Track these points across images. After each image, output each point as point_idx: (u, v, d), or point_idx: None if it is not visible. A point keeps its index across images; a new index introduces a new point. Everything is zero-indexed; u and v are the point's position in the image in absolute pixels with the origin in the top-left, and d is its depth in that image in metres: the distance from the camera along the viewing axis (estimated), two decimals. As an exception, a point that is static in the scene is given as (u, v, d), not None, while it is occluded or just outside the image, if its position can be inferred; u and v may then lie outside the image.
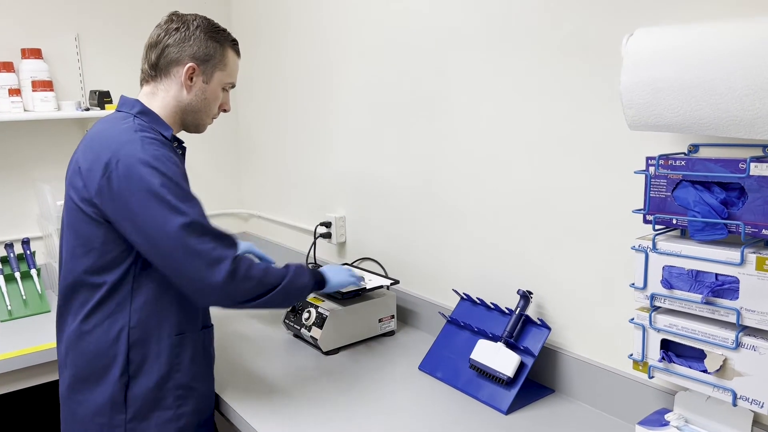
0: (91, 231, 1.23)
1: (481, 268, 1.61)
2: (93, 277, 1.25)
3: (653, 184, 1.10)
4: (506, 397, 1.35)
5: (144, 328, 1.26)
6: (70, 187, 1.27)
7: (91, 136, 1.29)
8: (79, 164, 1.24)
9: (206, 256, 1.18)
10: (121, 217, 1.19)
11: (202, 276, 1.18)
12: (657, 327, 1.10)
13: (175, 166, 1.22)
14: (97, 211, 1.22)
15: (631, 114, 1.06)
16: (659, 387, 1.23)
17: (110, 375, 1.25)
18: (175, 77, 1.32)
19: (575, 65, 1.30)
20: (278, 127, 2.41)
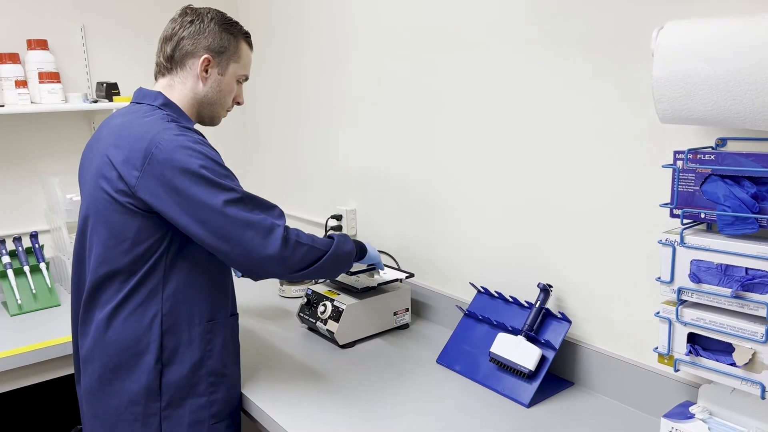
0: (125, 222, 1.23)
1: (497, 261, 1.61)
2: (126, 268, 1.25)
3: (681, 178, 1.10)
4: (528, 390, 1.36)
5: (176, 315, 1.27)
6: (102, 180, 1.25)
7: (118, 129, 1.27)
8: (111, 157, 1.24)
9: (259, 226, 1.22)
10: (166, 203, 1.19)
11: (258, 246, 1.21)
12: (684, 321, 1.10)
13: (212, 149, 1.26)
14: (134, 201, 1.21)
15: (662, 108, 1.06)
16: (681, 380, 1.24)
17: (144, 363, 1.26)
18: (191, 69, 1.34)
19: (597, 58, 1.30)
20: (287, 120, 2.40)
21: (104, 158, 1.25)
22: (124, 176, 1.21)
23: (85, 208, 1.31)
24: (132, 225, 1.23)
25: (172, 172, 1.18)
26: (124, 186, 1.21)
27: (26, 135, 2.18)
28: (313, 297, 1.75)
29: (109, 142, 1.26)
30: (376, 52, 1.89)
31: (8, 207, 2.17)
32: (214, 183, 1.20)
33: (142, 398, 1.26)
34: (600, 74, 1.30)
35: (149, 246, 1.24)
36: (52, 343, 1.71)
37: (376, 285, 1.69)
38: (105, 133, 1.30)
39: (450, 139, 1.69)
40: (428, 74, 1.72)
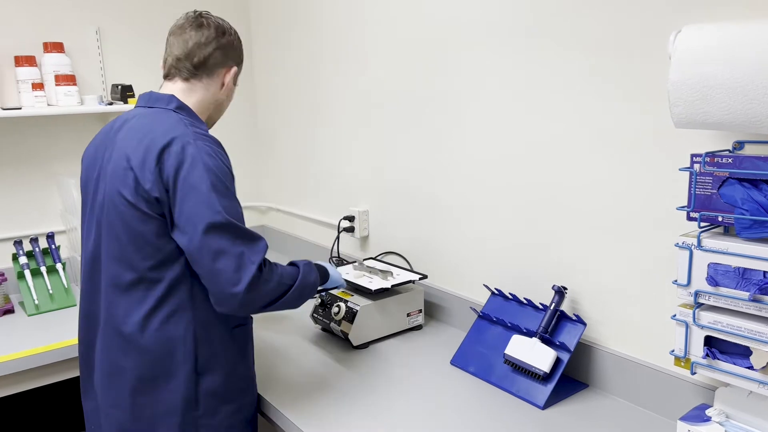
0: (145, 227, 1.20)
1: (511, 263, 1.61)
2: (151, 274, 1.22)
3: (698, 182, 1.10)
4: (542, 392, 1.36)
5: (208, 322, 1.26)
6: (119, 184, 1.21)
7: (134, 131, 1.24)
8: (130, 162, 1.20)
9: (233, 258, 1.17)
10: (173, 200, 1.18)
11: (226, 281, 1.17)
12: (701, 324, 1.11)
13: (227, 161, 1.26)
14: (152, 204, 1.19)
15: (678, 111, 1.06)
16: (697, 382, 1.24)
17: (181, 372, 1.24)
18: (217, 77, 1.37)
19: (611, 60, 1.30)
20: (300, 123, 2.41)
21: (123, 162, 1.22)
22: (141, 179, 1.19)
23: (98, 213, 1.27)
24: (151, 229, 1.20)
25: (183, 175, 1.17)
26: (143, 190, 1.19)
27: (43, 137, 2.20)
28: (327, 298, 1.76)
29: (126, 146, 1.23)
30: (386, 56, 1.90)
31: (25, 208, 2.19)
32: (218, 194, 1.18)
33: (179, 408, 1.24)
34: (619, 76, 1.30)
35: (171, 251, 1.22)
36: (69, 343, 1.73)
37: (390, 286, 1.70)
38: (119, 136, 1.26)
39: (464, 140, 1.69)
40: (439, 76, 1.73)
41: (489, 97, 1.60)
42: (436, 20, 1.71)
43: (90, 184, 1.32)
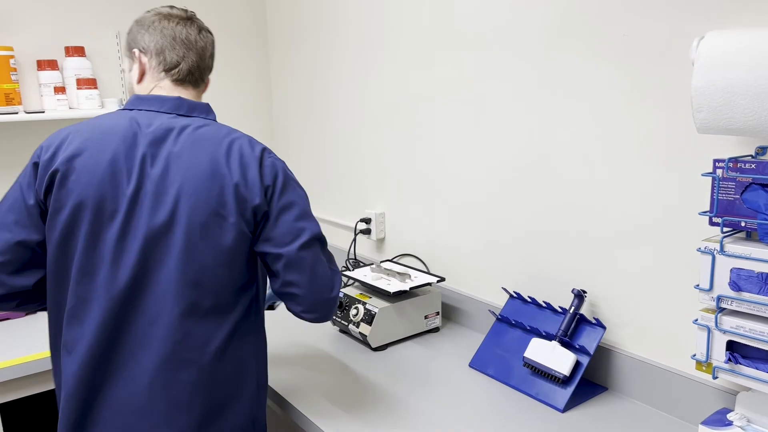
0: (240, 247, 1.14)
1: (529, 266, 1.62)
2: (231, 297, 1.15)
3: (721, 187, 1.11)
4: (562, 395, 1.37)
5: (262, 338, 1.26)
6: (215, 203, 1.12)
7: (205, 143, 1.15)
8: (231, 178, 1.13)
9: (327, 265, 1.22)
10: (274, 214, 1.17)
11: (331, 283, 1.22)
12: (723, 329, 1.11)
13: None
14: (250, 223, 1.15)
15: (701, 117, 1.06)
16: (717, 386, 1.25)
17: (247, 392, 1.20)
18: (203, 84, 1.29)
19: (634, 66, 1.31)
20: (316, 124, 2.42)
21: (217, 180, 1.12)
22: (250, 197, 1.14)
23: (144, 236, 1.10)
24: (245, 250, 1.16)
25: (279, 188, 1.17)
26: (252, 207, 1.14)
27: (64, 140, 2.24)
28: (345, 300, 1.78)
29: (205, 160, 1.13)
30: (404, 57, 1.91)
31: (46, 210, 2.23)
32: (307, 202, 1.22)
33: (249, 428, 1.21)
34: (639, 82, 1.31)
35: (254, 272, 1.20)
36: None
37: (408, 289, 1.71)
38: (179, 150, 1.13)
39: (482, 143, 1.70)
40: (458, 79, 1.73)
41: (509, 100, 1.60)
42: (459, 22, 1.72)
43: (116, 204, 1.10)
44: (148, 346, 1.10)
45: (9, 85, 1.99)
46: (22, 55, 2.10)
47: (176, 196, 1.11)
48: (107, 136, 1.13)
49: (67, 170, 1.11)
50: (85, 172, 1.10)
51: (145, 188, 1.11)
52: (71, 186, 1.11)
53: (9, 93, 1.99)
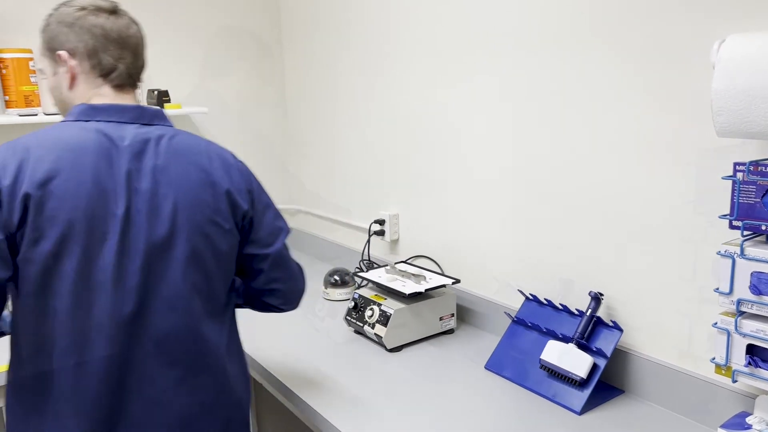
0: (233, 252, 1.19)
1: (546, 268, 1.62)
2: (225, 298, 1.20)
3: (741, 190, 1.10)
4: (579, 398, 1.37)
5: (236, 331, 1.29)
6: (210, 212, 1.13)
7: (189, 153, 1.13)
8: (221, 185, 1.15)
9: None
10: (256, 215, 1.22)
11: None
12: (743, 332, 1.11)
13: None
14: (239, 228, 1.20)
15: (721, 121, 1.06)
16: (735, 390, 1.24)
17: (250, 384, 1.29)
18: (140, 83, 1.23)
19: (653, 69, 1.30)
20: (330, 125, 2.44)
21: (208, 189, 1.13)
22: (241, 202, 1.18)
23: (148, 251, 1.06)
24: (234, 253, 1.19)
25: (257, 190, 1.24)
26: (242, 213, 1.18)
27: (81, 141, 2.26)
28: (360, 301, 1.79)
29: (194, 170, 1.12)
30: (420, 57, 1.92)
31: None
32: None
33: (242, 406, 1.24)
34: (658, 85, 1.31)
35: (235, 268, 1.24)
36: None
37: (423, 290, 1.72)
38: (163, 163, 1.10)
39: (497, 144, 1.71)
40: (473, 79, 1.74)
41: (526, 102, 1.61)
42: (474, 24, 1.73)
43: (107, 226, 1.03)
44: (166, 359, 1.09)
45: (28, 87, 2.02)
46: (41, 57, 2.13)
47: (173, 210, 1.08)
48: (79, 153, 1.03)
49: (43, 196, 0.99)
50: (68, 196, 1.01)
51: (136, 206, 1.06)
52: (52, 213, 1.00)
53: (28, 95, 2.02)
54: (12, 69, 1.99)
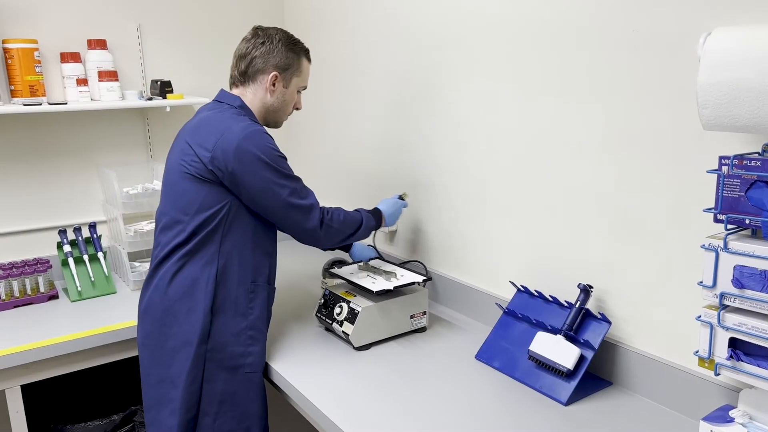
0: (195, 189, 1.48)
1: (538, 261, 1.63)
2: (192, 228, 1.48)
3: (726, 184, 1.10)
4: (566, 389, 1.38)
5: (227, 272, 1.51)
6: (181, 156, 1.52)
7: (200, 121, 1.54)
8: (189, 141, 1.51)
9: (304, 209, 1.54)
10: (235, 181, 1.46)
11: (300, 223, 1.55)
12: (726, 326, 1.11)
13: (274, 142, 1.52)
14: (205, 172, 1.47)
15: (706, 114, 1.06)
16: (721, 383, 1.25)
17: (200, 309, 1.49)
18: (261, 83, 1.59)
19: (639, 62, 1.30)
20: (332, 118, 2.45)
21: (184, 142, 1.52)
22: (198, 154, 1.48)
23: (163, 184, 1.58)
24: (200, 192, 1.48)
25: (243, 154, 1.44)
26: (198, 161, 1.47)
27: (86, 130, 2.30)
28: (330, 298, 1.76)
29: (191, 131, 1.53)
30: (420, 52, 1.92)
31: (69, 198, 2.29)
32: (278, 172, 1.49)
33: (195, 339, 1.47)
34: (643, 78, 1.30)
35: (213, 210, 1.48)
36: (112, 328, 1.81)
37: (393, 288, 1.69)
38: (191, 124, 1.56)
39: (492, 139, 1.71)
40: (471, 75, 1.74)
41: (513, 97, 1.61)
42: (473, 16, 1.73)
43: (167, 161, 1.63)
44: None
45: (33, 77, 2.05)
46: (46, 47, 2.16)
47: (174, 153, 1.62)
48: (188, 122, 1.64)
49: None
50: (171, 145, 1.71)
51: (177, 148, 1.60)
52: None
53: (33, 84, 2.05)
54: (17, 59, 2.02)
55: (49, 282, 2.10)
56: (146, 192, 2.19)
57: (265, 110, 1.62)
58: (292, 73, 1.62)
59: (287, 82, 1.61)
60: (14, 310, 1.98)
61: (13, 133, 2.16)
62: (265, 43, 1.57)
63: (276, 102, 1.62)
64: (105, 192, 2.30)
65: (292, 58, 1.60)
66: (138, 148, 2.41)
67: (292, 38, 1.62)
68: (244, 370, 1.53)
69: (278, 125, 1.69)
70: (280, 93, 1.61)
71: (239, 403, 1.52)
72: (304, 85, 1.67)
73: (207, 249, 1.50)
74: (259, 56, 1.57)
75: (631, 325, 1.42)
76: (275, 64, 1.58)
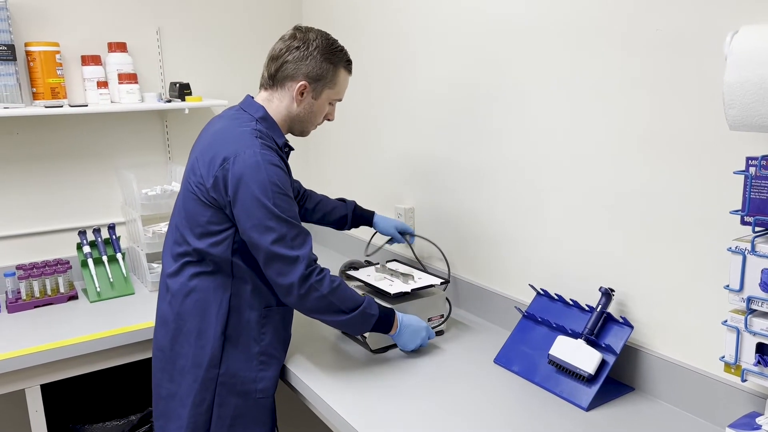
0: (199, 211, 1.42)
1: (557, 264, 1.61)
2: (198, 249, 1.43)
3: (753, 185, 1.08)
4: (587, 394, 1.36)
5: (240, 297, 1.45)
6: (191, 174, 1.46)
7: (214, 134, 1.46)
8: (197, 157, 1.45)
9: (287, 259, 1.36)
10: (231, 211, 1.38)
11: (279, 276, 1.37)
12: (753, 330, 1.09)
13: (282, 175, 1.38)
14: (207, 196, 1.40)
15: (733, 114, 1.04)
16: (747, 390, 1.22)
17: (211, 333, 1.44)
18: (288, 90, 1.47)
19: (663, 61, 1.28)
20: (349, 119, 2.45)
21: (195, 158, 1.46)
22: (203, 175, 1.41)
23: (177, 197, 1.54)
24: (204, 214, 1.41)
25: (239, 189, 1.34)
26: (202, 183, 1.41)
27: (105, 132, 2.32)
28: None
29: (205, 146, 1.45)
30: (440, 52, 1.92)
31: (89, 200, 2.31)
32: (270, 213, 1.34)
33: (205, 363, 1.44)
34: (668, 78, 1.28)
35: (218, 233, 1.42)
36: (130, 329, 1.82)
37: (410, 290, 1.67)
38: (209, 134, 1.48)
39: (511, 141, 1.70)
40: (493, 75, 1.73)
41: (534, 96, 1.59)
42: (495, 15, 1.72)
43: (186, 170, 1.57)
44: None
45: (55, 80, 2.07)
46: (67, 50, 2.18)
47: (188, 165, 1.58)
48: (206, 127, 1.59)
49: None
50: None
51: (190, 160, 1.55)
52: None
53: (55, 87, 2.08)
54: (39, 62, 2.04)
55: (69, 282, 2.12)
56: (165, 193, 2.21)
57: (290, 119, 1.51)
58: (325, 84, 1.48)
59: (317, 93, 1.48)
60: (34, 310, 2.00)
61: (35, 135, 2.19)
62: (300, 48, 1.44)
63: (302, 112, 1.50)
64: (124, 193, 2.32)
65: (326, 69, 1.46)
66: (157, 150, 2.43)
67: (332, 46, 1.48)
68: (256, 395, 1.49)
69: (304, 135, 1.58)
70: (307, 104, 1.49)
71: (249, 426, 1.49)
72: (338, 98, 1.55)
73: (219, 273, 1.44)
74: (291, 61, 1.44)
75: (654, 329, 1.39)
76: (306, 72, 1.44)
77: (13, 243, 2.20)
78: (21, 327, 1.86)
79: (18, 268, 2.09)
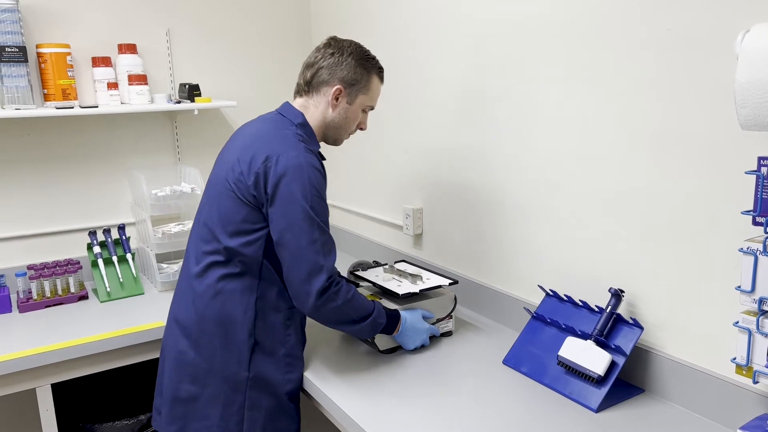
0: (235, 209, 1.43)
1: (567, 265, 1.60)
2: (229, 249, 1.43)
3: (765, 186, 1.07)
4: (596, 395, 1.35)
5: (266, 299, 1.46)
6: (229, 171, 1.45)
7: (253, 134, 1.49)
8: (239, 158, 1.44)
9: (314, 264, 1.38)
10: (267, 209, 1.40)
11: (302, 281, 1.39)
12: (765, 332, 1.08)
13: (321, 180, 1.42)
14: (247, 194, 1.41)
15: (745, 113, 1.03)
16: (759, 391, 1.21)
17: (240, 337, 1.44)
18: (324, 96, 1.51)
19: (674, 60, 1.27)
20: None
21: (236, 159, 1.45)
22: (243, 172, 1.42)
23: (208, 188, 1.53)
24: (240, 212, 1.42)
25: (281, 184, 1.36)
26: (243, 180, 1.42)
27: (115, 133, 2.33)
28: None
29: (245, 146, 1.46)
30: (449, 54, 1.91)
31: (99, 200, 2.33)
32: (307, 215, 1.37)
33: (234, 367, 1.44)
34: (678, 77, 1.28)
35: (252, 232, 1.42)
36: (140, 329, 1.83)
37: (418, 291, 1.67)
38: (247, 134, 1.50)
39: (520, 141, 1.69)
40: (503, 76, 1.73)
41: (544, 97, 1.59)
42: (506, 16, 1.72)
43: (212, 174, 1.57)
44: None
45: (66, 81, 2.09)
46: (78, 52, 2.20)
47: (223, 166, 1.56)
48: (239, 129, 1.62)
49: None
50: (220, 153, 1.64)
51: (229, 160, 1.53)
52: None
53: (66, 88, 2.09)
54: (50, 63, 2.06)
55: (80, 282, 2.13)
56: (174, 194, 2.22)
57: (325, 126, 1.54)
58: (359, 89, 1.52)
59: (352, 98, 1.52)
60: (45, 310, 2.01)
61: (46, 136, 2.21)
62: (334, 55, 1.50)
63: (337, 118, 1.53)
64: (134, 194, 2.34)
65: (360, 74, 1.51)
66: (166, 151, 2.44)
67: (365, 54, 1.54)
68: (286, 398, 1.50)
69: (337, 143, 1.60)
70: (342, 109, 1.52)
71: (279, 428, 1.50)
72: (371, 104, 1.59)
73: (246, 275, 1.45)
74: (326, 67, 1.50)
75: (664, 330, 1.38)
76: (341, 77, 1.49)
77: (24, 243, 2.22)
78: (32, 327, 1.87)
79: (29, 268, 2.11)
